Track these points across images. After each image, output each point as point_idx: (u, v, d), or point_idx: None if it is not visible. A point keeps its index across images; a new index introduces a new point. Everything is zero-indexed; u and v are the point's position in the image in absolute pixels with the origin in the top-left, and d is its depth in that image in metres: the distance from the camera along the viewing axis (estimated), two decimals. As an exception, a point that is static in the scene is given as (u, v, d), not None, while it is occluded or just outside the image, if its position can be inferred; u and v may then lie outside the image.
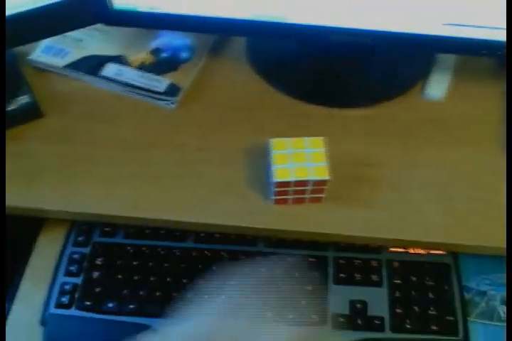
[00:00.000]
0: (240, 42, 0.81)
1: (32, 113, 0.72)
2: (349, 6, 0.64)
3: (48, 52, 0.77)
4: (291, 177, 0.61)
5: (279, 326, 0.57)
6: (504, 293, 0.69)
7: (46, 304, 0.68)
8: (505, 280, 0.70)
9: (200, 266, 0.69)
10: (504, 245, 0.62)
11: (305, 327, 0.65)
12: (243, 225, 0.64)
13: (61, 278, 0.70)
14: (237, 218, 0.65)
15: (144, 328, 0.64)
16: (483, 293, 0.70)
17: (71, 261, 0.71)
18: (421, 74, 0.78)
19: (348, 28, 0.67)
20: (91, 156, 0.69)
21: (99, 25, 0.74)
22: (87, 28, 0.77)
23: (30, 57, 0.77)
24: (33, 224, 0.72)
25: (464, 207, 0.66)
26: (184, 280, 0.63)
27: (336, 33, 0.68)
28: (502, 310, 0.68)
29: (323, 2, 0.64)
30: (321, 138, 0.63)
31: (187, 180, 0.67)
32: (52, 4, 0.67)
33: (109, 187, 0.67)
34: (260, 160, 0.67)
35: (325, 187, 0.62)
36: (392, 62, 0.79)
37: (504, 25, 0.63)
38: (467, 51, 0.70)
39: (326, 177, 0.61)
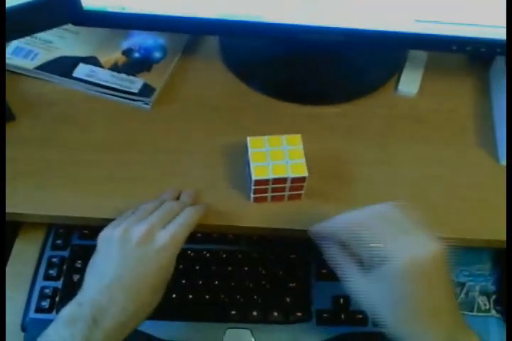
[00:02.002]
0: (213, 42, 0.81)
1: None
2: (320, 4, 0.64)
3: (17, 54, 0.76)
4: (269, 175, 0.61)
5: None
6: (483, 284, 0.71)
7: (26, 309, 0.67)
8: (483, 272, 0.72)
9: (181, 266, 0.68)
10: (482, 237, 0.64)
11: (290, 324, 0.66)
12: (223, 224, 0.64)
13: (40, 282, 0.69)
14: (216, 217, 0.64)
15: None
16: (462, 285, 0.71)
17: (50, 265, 0.69)
18: (393, 70, 0.79)
19: (319, 26, 0.67)
20: (65, 159, 0.68)
21: (69, 26, 0.73)
22: (57, 29, 0.76)
23: (-1, 60, 0.75)
24: (10, 228, 0.71)
25: (440, 201, 0.66)
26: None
27: (308, 32, 0.68)
28: (481, 301, 0.70)
29: (294, 1, 0.64)
30: (298, 135, 0.63)
31: (164, 180, 0.67)
32: (22, 5, 0.66)
33: (85, 189, 0.66)
34: (238, 158, 0.67)
35: (303, 184, 0.63)
36: (365, 58, 0.80)
37: (473, 21, 0.64)
38: (438, 47, 0.71)
39: (305, 173, 0.61)
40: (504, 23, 0.63)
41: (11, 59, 0.75)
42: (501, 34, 0.64)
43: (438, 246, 0.51)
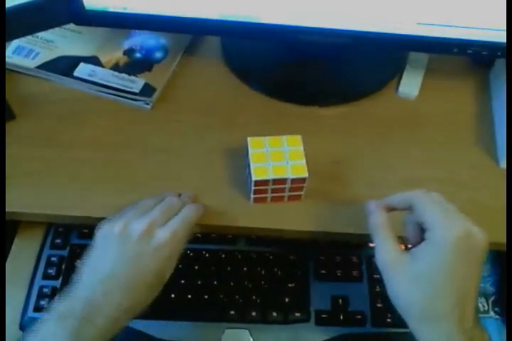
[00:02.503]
0: (215, 42, 0.81)
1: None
2: (321, 6, 0.65)
3: (19, 53, 0.76)
4: (269, 176, 0.61)
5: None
6: (481, 285, 0.71)
7: (25, 308, 0.67)
8: (482, 273, 0.72)
9: (181, 266, 0.68)
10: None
11: (289, 324, 0.66)
12: (223, 224, 0.64)
13: (39, 282, 0.69)
14: (216, 217, 0.64)
15: (126, 330, 0.65)
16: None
17: (49, 264, 0.70)
18: (394, 72, 0.79)
19: (320, 27, 0.67)
20: (65, 158, 0.68)
21: (71, 26, 0.73)
22: (58, 28, 0.76)
23: (0, 59, 0.75)
24: (9, 227, 0.71)
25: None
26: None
27: (310, 33, 0.68)
28: (480, 303, 0.70)
29: (295, 2, 0.65)
30: (299, 136, 0.63)
31: (165, 180, 0.67)
32: (24, 4, 0.66)
33: (84, 188, 0.66)
34: (238, 159, 0.67)
35: (304, 184, 0.63)
36: (366, 60, 0.80)
37: (474, 24, 0.64)
38: (439, 50, 0.71)
39: (305, 174, 0.61)
40: (505, 26, 0.63)
41: (12, 58, 0.75)
42: (502, 37, 0.64)
43: (488, 236, 0.53)
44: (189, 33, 0.79)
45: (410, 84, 0.77)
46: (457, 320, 0.49)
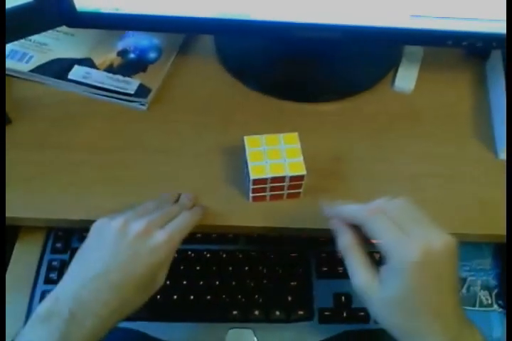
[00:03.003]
0: (209, 41, 0.80)
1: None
2: (313, 1, 0.64)
3: (12, 57, 0.76)
4: (267, 174, 0.61)
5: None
6: (484, 278, 0.71)
7: (28, 313, 0.66)
8: (484, 266, 0.72)
9: (182, 267, 0.68)
10: (481, 232, 0.64)
11: (292, 323, 0.66)
12: (222, 224, 0.64)
13: (41, 286, 0.68)
14: (215, 217, 0.64)
15: (130, 332, 0.65)
16: (464, 280, 0.71)
17: (50, 268, 0.69)
18: (389, 66, 0.79)
19: (314, 23, 0.67)
20: (62, 161, 0.68)
21: (64, 28, 0.73)
22: (51, 31, 0.76)
23: (-6, 63, 0.75)
24: (9, 232, 0.70)
25: (439, 196, 0.66)
26: (168, 282, 0.63)
27: (302, 29, 0.68)
28: (483, 296, 0.70)
29: (288, -2, 0.64)
30: (295, 133, 0.63)
31: (162, 181, 0.67)
32: (16, 7, 0.65)
33: (83, 191, 0.66)
34: (235, 158, 0.67)
35: (302, 182, 0.62)
36: (361, 55, 0.80)
37: (468, 15, 0.64)
38: (434, 42, 0.71)
39: (303, 172, 0.61)
40: (500, 17, 0.63)
41: (6, 62, 0.75)
42: (497, 28, 0.64)
43: (451, 239, 0.51)
44: (182, 32, 0.79)
45: (406, 78, 0.77)
46: (440, 333, 0.49)
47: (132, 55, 0.77)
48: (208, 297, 0.67)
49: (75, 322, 0.50)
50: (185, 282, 0.68)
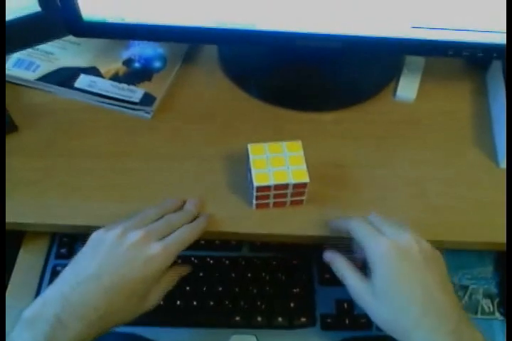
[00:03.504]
0: (213, 50, 0.81)
1: (6, 127, 0.71)
2: (316, 11, 0.65)
3: (19, 66, 0.77)
4: (270, 182, 0.61)
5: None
6: (485, 287, 0.71)
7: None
8: (485, 274, 0.72)
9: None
10: (482, 240, 0.64)
11: (294, 329, 0.67)
12: (226, 230, 0.65)
13: (45, 292, 0.69)
14: (219, 224, 0.65)
15: (132, 337, 0.65)
16: (465, 288, 0.71)
17: (54, 274, 0.69)
18: (391, 76, 0.79)
19: (316, 33, 0.68)
20: (67, 168, 0.69)
21: (70, 37, 0.74)
22: (58, 40, 0.77)
23: (1, 71, 0.76)
24: (13, 238, 0.71)
25: (440, 203, 0.67)
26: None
27: (305, 39, 0.69)
28: (485, 304, 0.70)
29: (290, 8, 0.65)
30: (299, 141, 0.64)
31: (166, 188, 0.67)
32: (23, 17, 0.67)
33: (87, 198, 0.66)
34: (239, 166, 0.68)
35: (305, 189, 0.63)
36: (363, 64, 0.81)
37: (469, 26, 0.65)
38: (434, 53, 0.71)
39: (306, 179, 0.61)
40: (500, 28, 0.63)
41: (13, 71, 0.76)
42: (497, 39, 0.65)
43: (420, 239, 0.55)
44: (187, 42, 0.80)
45: (408, 88, 0.77)
46: (432, 327, 0.50)
47: (137, 64, 0.78)
48: (211, 303, 0.68)
49: (61, 326, 0.50)
50: (188, 288, 0.69)
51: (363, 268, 0.58)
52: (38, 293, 0.69)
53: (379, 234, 0.56)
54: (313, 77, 0.79)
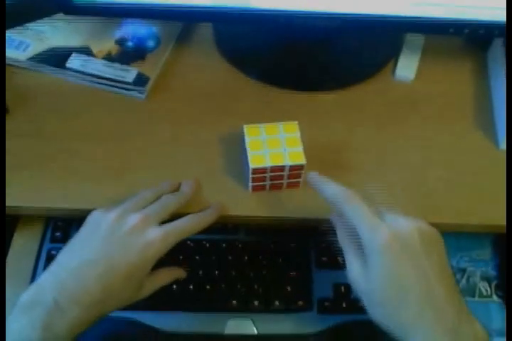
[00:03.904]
0: (207, 29, 0.80)
1: (-4, 109, 0.70)
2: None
3: (9, 46, 0.75)
4: (267, 163, 0.60)
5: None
6: (483, 269, 0.71)
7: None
8: (483, 257, 0.72)
9: (181, 257, 0.68)
10: (481, 222, 0.64)
11: (292, 313, 0.66)
12: (222, 213, 0.63)
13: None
14: (215, 207, 0.64)
15: (128, 322, 0.65)
16: (463, 270, 0.71)
17: (50, 258, 0.69)
18: (390, 55, 0.78)
19: (313, 11, 0.66)
20: (61, 151, 0.68)
21: (61, 16, 0.72)
22: (48, 18, 0.75)
23: (-10, 51, 0.74)
24: (8, 222, 0.70)
25: (439, 186, 0.66)
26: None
27: (302, 17, 0.67)
28: (483, 287, 0.70)
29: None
30: (295, 122, 0.63)
31: (161, 170, 0.66)
32: (12, -5, 0.65)
33: (81, 180, 0.65)
34: (235, 147, 0.67)
35: (302, 171, 0.62)
36: (361, 44, 0.79)
37: (470, 3, 0.63)
38: (435, 30, 0.70)
39: (303, 161, 0.60)
40: (502, 5, 0.62)
41: (3, 50, 0.75)
42: (499, 16, 0.63)
43: (421, 224, 0.51)
44: (180, 20, 0.78)
45: (407, 67, 0.76)
46: (431, 324, 0.48)
47: (130, 44, 0.77)
48: (208, 287, 0.67)
49: (58, 311, 0.50)
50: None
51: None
52: (33, 277, 0.68)
53: (378, 220, 0.51)
54: (310, 57, 0.77)
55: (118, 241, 0.54)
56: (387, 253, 0.49)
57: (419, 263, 0.49)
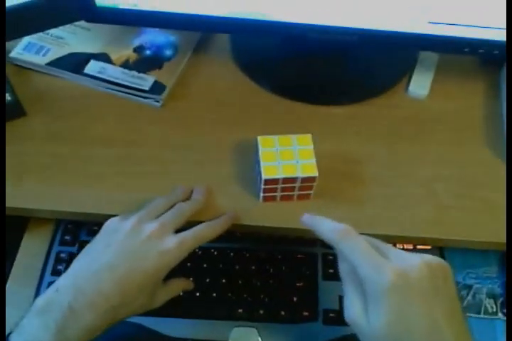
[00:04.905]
0: (224, 40, 0.81)
1: (15, 112, 0.70)
2: (331, 3, 0.64)
3: (29, 50, 0.76)
4: (279, 175, 0.61)
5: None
6: (490, 286, 0.71)
7: (34, 304, 0.67)
8: (490, 274, 0.72)
9: (189, 264, 0.69)
10: (490, 239, 0.64)
11: (297, 323, 0.66)
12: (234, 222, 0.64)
13: (48, 278, 0.69)
14: (225, 215, 0.64)
15: (135, 327, 0.65)
16: (469, 287, 0.70)
17: (58, 260, 0.70)
18: (404, 71, 0.79)
19: (331, 25, 0.67)
20: (75, 155, 0.69)
21: (81, 23, 0.73)
22: (69, 25, 0.77)
23: (11, 55, 0.75)
24: (18, 223, 0.71)
25: (448, 202, 0.66)
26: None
27: (319, 31, 0.68)
28: (488, 304, 0.69)
29: (306, 0, 0.64)
30: (309, 135, 0.63)
31: (174, 178, 0.67)
32: (35, 1, 0.66)
33: (94, 185, 0.66)
34: (247, 157, 0.68)
35: (313, 184, 0.63)
36: (376, 59, 0.80)
37: (486, 23, 0.64)
38: (450, 49, 0.71)
39: (315, 174, 0.61)
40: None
41: (23, 54, 0.75)
42: (514, 37, 0.64)
43: (436, 259, 0.49)
44: (198, 30, 0.79)
45: (420, 84, 0.77)
46: None
47: (148, 52, 0.78)
48: (214, 294, 0.68)
49: (73, 315, 0.50)
50: (191, 279, 0.68)
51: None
52: (41, 279, 0.69)
53: (381, 258, 0.48)
54: (325, 71, 0.78)
55: (135, 248, 0.55)
56: (392, 296, 0.46)
57: (426, 300, 0.47)
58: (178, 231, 0.59)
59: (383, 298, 0.46)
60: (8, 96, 0.69)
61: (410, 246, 0.72)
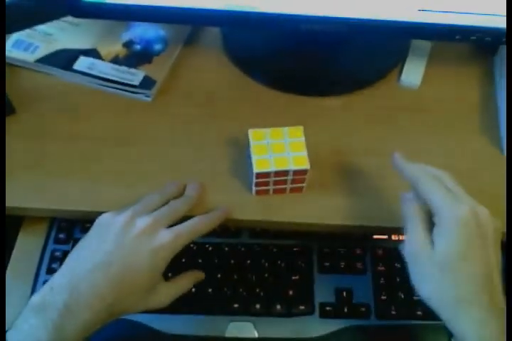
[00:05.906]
0: (215, 33, 0.80)
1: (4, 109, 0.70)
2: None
3: (18, 47, 0.75)
4: (271, 168, 0.60)
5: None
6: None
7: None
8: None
9: (184, 260, 0.68)
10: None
11: (293, 317, 0.66)
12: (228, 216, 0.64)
13: (44, 276, 0.68)
14: (218, 210, 0.64)
15: (130, 323, 0.65)
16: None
17: (53, 259, 0.69)
18: (396, 60, 0.78)
19: (321, 16, 0.66)
20: (66, 152, 0.68)
21: (69, 18, 0.72)
22: (57, 21, 0.76)
23: (-1, 53, 0.75)
24: (12, 222, 0.71)
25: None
26: (169, 275, 0.63)
27: (310, 22, 0.68)
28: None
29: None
30: (300, 127, 0.63)
31: (166, 173, 0.66)
32: (21, -3, 0.65)
33: (86, 182, 0.66)
34: (239, 151, 0.67)
35: (305, 176, 0.62)
36: (367, 49, 0.79)
37: (477, 10, 0.63)
38: (441, 37, 0.70)
39: (306, 166, 0.60)
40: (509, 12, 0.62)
41: (12, 52, 0.75)
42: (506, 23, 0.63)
43: (493, 218, 0.53)
44: (189, 23, 0.78)
45: (413, 73, 0.76)
46: (487, 305, 0.49)
47: (138, 47, 0.77)
48: (210, 290, 0.67)
49: (69, 314, 0.50)
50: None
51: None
52: (36, 277, 0.69)
53: (458, 201, 0.53)
54: (316, 62, 0.77)
55: (129, 244, 0.55)
56: (463, 227, 0.51)
57: (487, 245, 0.51)
58: (170, 226, 0.58)
59: (454, 227, 0.51)
60: (-3, 94, 0.69)
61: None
